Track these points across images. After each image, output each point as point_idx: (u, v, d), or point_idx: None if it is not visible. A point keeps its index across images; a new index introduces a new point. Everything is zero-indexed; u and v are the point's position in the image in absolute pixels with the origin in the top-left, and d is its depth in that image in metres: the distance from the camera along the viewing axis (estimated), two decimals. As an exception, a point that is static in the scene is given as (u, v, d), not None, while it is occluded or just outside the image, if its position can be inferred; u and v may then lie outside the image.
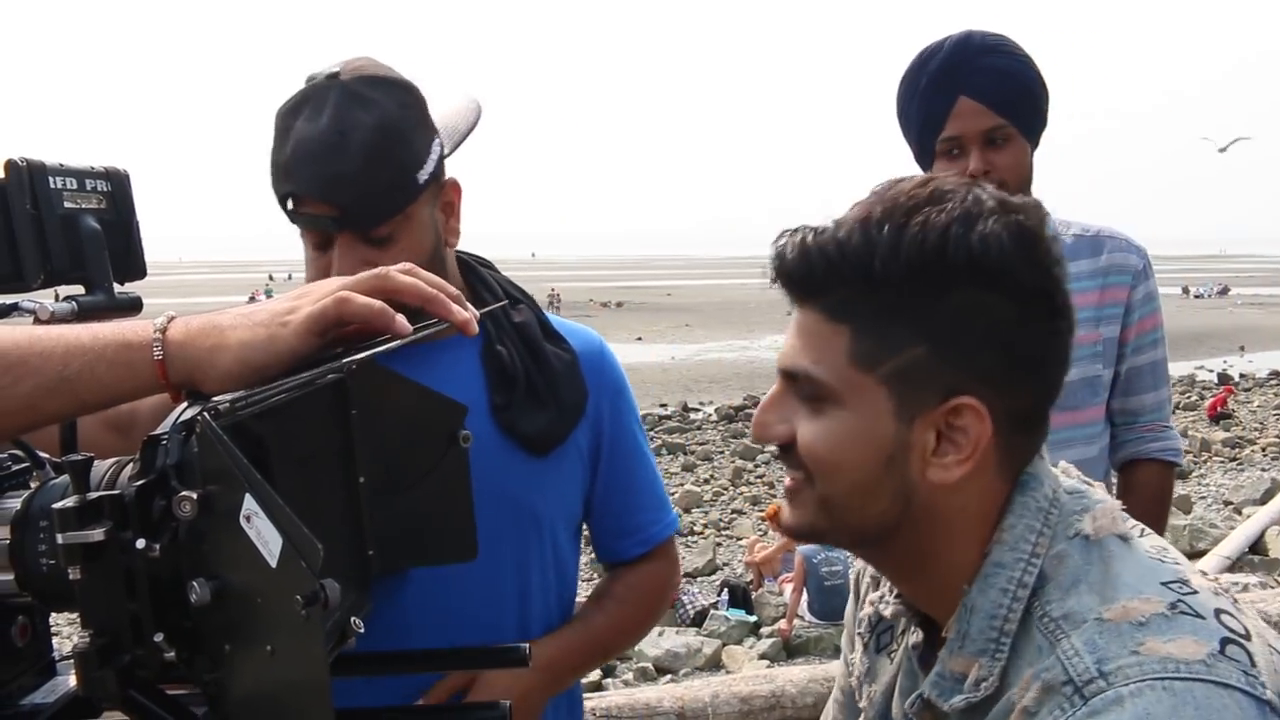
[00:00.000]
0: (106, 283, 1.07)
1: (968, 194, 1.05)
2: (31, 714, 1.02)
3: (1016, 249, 1.03)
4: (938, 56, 2.44)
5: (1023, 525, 1.09)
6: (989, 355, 1.05)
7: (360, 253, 1.58)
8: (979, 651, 1.07)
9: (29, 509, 0.98)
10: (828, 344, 1.08)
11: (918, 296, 1.04)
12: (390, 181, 1.58)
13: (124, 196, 1.14)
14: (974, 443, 1.06)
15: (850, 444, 1.08)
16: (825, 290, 1.08)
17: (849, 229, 1.05)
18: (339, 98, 1.56)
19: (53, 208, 1.04)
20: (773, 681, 6.39)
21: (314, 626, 0.80)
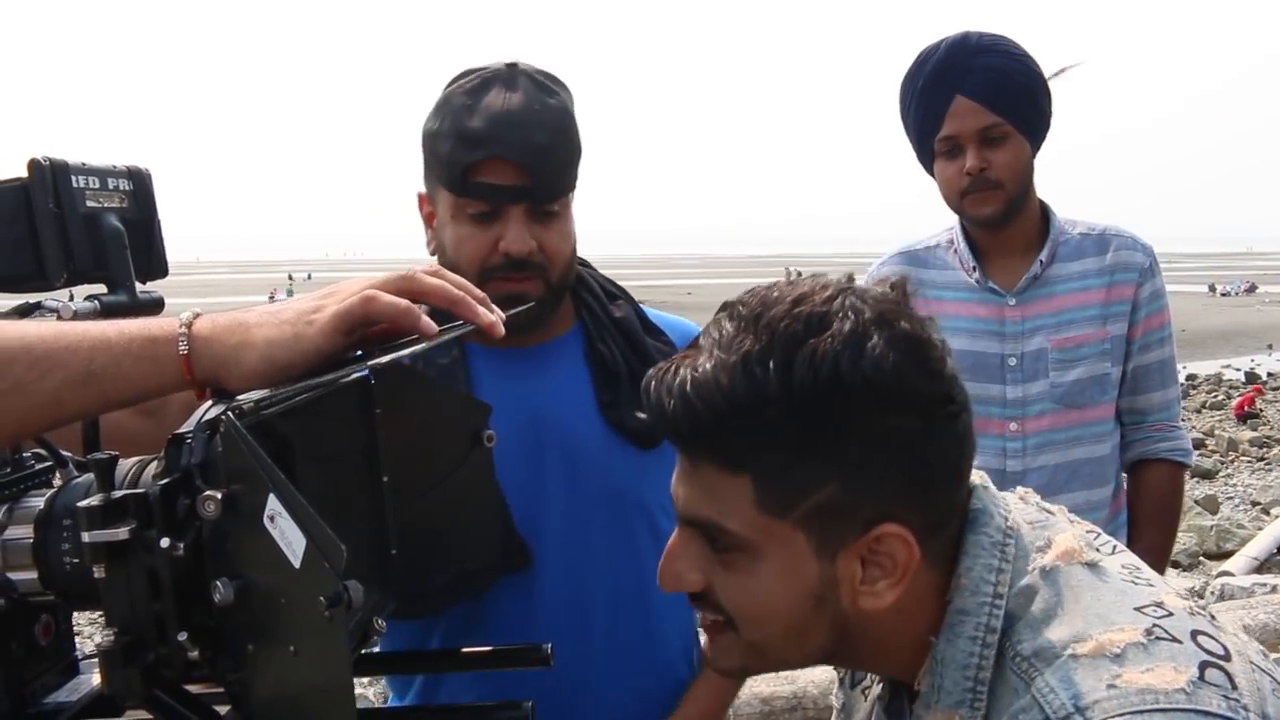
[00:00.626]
0: (129, 282, 1.07)
1: (845, 312, 0.99)
2: (54, 712, 1.02)
3: (909, 363, 0.98)
4: (934, 58, 2.47)
5: (980, 565, 1.06)
6: (902, 476, 1.01)
7: (531, 228, 1.67)
8: (957, 704, 1.04)
9: (52, 508, 0.98)
10: (730, 495, 1.02)
11: (818, 433, 0.98)
12: (569, 160, 1.70)
13: (146, 195, 1.13)
14: (903, 567, 1.03)
15: (776, 593, 1.04)
16: (714, 441, 1.01)
17: (729, 373, 0.98)
18: (528, 81, 1.69)
19: (75, 207, 1.04)
20: (794, 683, 6.38)
21: (337, 627, 0.80)
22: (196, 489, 0.86)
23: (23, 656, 1.02)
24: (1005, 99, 2.42)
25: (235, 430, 0.84)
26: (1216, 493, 14.37)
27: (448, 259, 1.73)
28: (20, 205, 1.03)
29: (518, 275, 1.68)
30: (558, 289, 1.74)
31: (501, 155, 1.63)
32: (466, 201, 1.68)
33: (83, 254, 1.06)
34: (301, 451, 0.96)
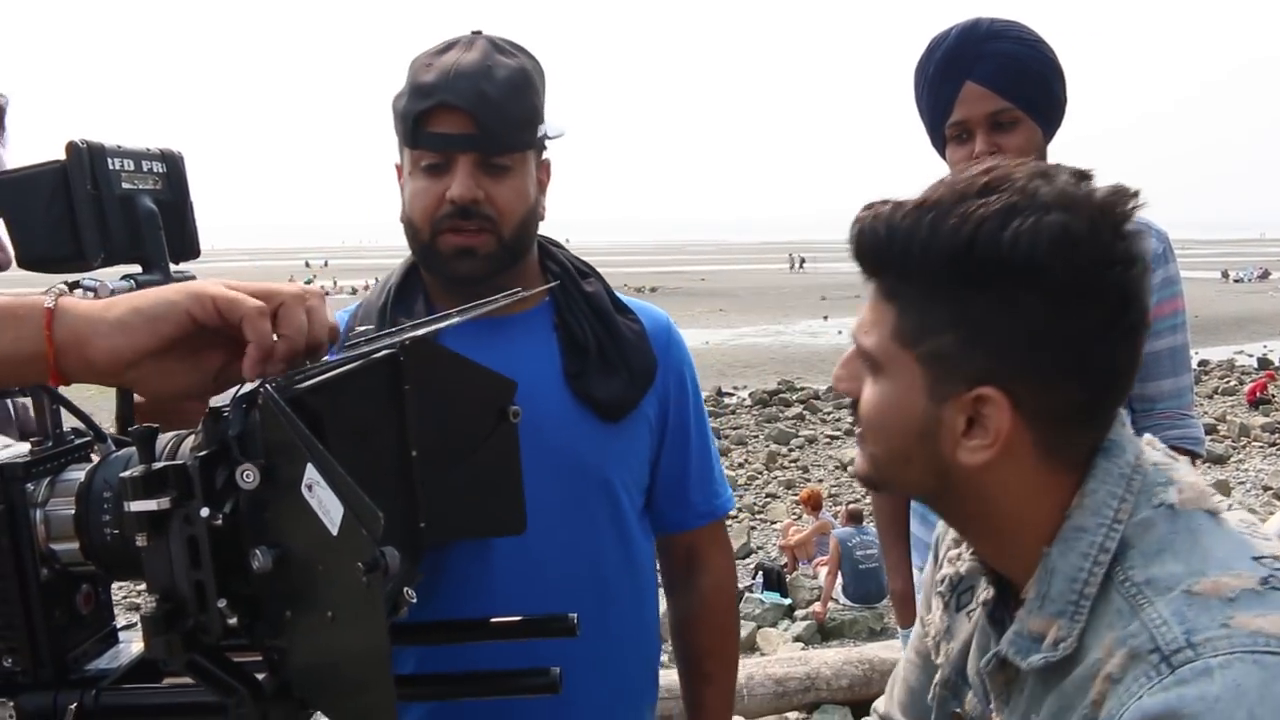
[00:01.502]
0: (163, 262, 1.10)
1: (1024, 186, 1.04)
2: (97, 678, 1.05)
3: (1052, 249, 1.01)
4: (945, 44, 2.47)
5: (1104, 491, 1.10)
6: (1019, 351, 1.06)
7: (478, 178, 1.70)
8: (1058, 613, 1.09)
9: (93, 481, 1.01)
10: (880, 318, 1.13)
11: (952, 286, 1.06)
12: (523, 117, 1.73)
13: (178, 177, 1.16)
14: (995, 433, 1.08)
15: (889, 412, 1.14)
16: (881, 269, 1.12)
17: (906, 212, 1.08)
18: (486, 43, 1.74)
19: (112, 188, 1.07)
20: (807, 664, 6.42)
21: (374, 593, 0.82)
22: (235, 460, 0.89)
23: (65, 625, 1.05)
24: (1015, 84, 2.42)
25: (273, 402, 0.86)
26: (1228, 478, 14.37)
27: (405, 218, 1.78)
28: (59, 187, 1.05)
29: (466, 225, 1.71)
30: (510, 246, 1.76)
31: (449, 102, 1.67)
32: (420, 154, 1.73)
33: (119, 235, 1.08)
34: (332, 426, 0.98)
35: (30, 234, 1.07)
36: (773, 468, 16.51)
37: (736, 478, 15.66)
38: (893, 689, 1.54)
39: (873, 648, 6.89)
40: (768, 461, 16.81)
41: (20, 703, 1.01)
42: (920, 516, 2.73)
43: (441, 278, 1.81)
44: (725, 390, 24.30)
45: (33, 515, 1.01)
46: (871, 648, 6.90)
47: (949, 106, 2.46)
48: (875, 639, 8.81)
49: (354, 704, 0.89)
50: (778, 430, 18.94)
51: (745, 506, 14.29)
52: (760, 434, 19.18)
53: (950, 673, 1.33)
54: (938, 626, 1.37)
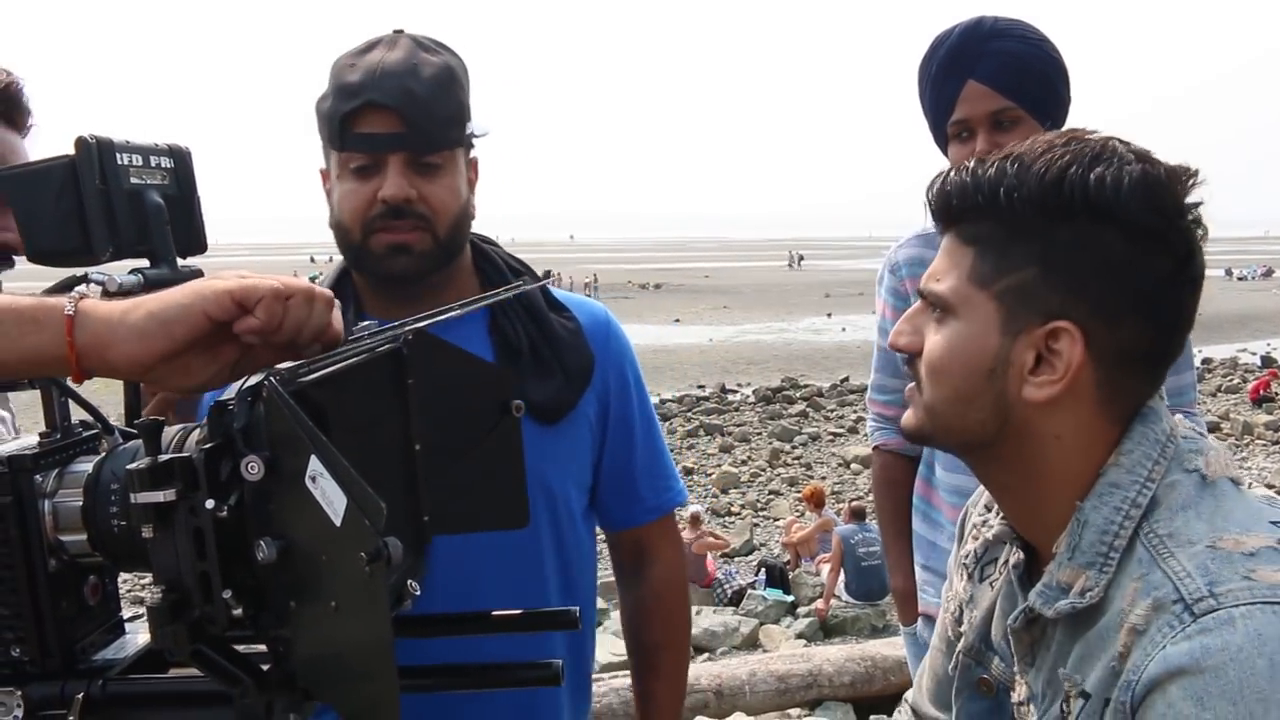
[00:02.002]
0: (170, 256, 1.10)
1: (1104, 144, 1.13)
2: (104, 668, 1.06)
3: (1134, 190, 1.09)
4: (947, 43, 2.47)
5: (1140, 452, 1.15)
6: (1096, 286, 1.12)
7: (410, 177, 1.69)
8: (1087, 564, 1.13)
9: (100, 473, 1.02)
10: (956, 263, 1.19)
11: (1036, 224, 1.12)
12: (450, 115, 1.71)
13: (186, 172, 1.17)
14: (1066, 365, 1.13)
15: (959, 352, 1.18)
16: (962, 216, 1.18)
17: (991, 163, 1.16)
18: (409, 42, 1.72)
19: (120, 183, 1.07)
20: (810, 660, 6.43)
21: (377, 583, 0.83)
22: (240, 452, 0.90)
23: (73, 615, 1.06)
24: (1017, 83, 2.41)
25: (278, 394, 0.87)
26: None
27: (335, 221, 1.76)
28: (68, 181, 1.06)
29: (399, 224, 1.70)
30: (445, 244, 1.75)
31: (376, 101, 1.65)
32: (349, 155, 1.71)
33: (127, 229, 1.09)
34: (336, 419, 0.98)
35: (39, 228, 1.08)
36: (776, 465, 16.53)
37: (740, 475, 15.68)
38: (921, 680, 1.56)
39: (875, 645, 6.90)
40: (771, 459, 16.83)
41: (28, 692, 1.02)
42: (923, 514, 2.73)
43: (375, 277, 1.79)
44: (729, 387, 24.31)
45: (41, 506, 1.02)
46: (874, 645, 6.92)
47: (951, 105, 2.46)
48: (877, 636, 8.82)
49: (358, 695, 0.90)
50: (781, 428, 18.95)
51: (748, 503, 14.30)
52: (763, 431, 19.19)
53: (975, 639, 1.37)
54: (961, 597, 1.41)
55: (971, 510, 1.45)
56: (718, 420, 20.24)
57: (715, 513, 13.64)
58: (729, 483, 15.21)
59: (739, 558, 11.87)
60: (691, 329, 37.86)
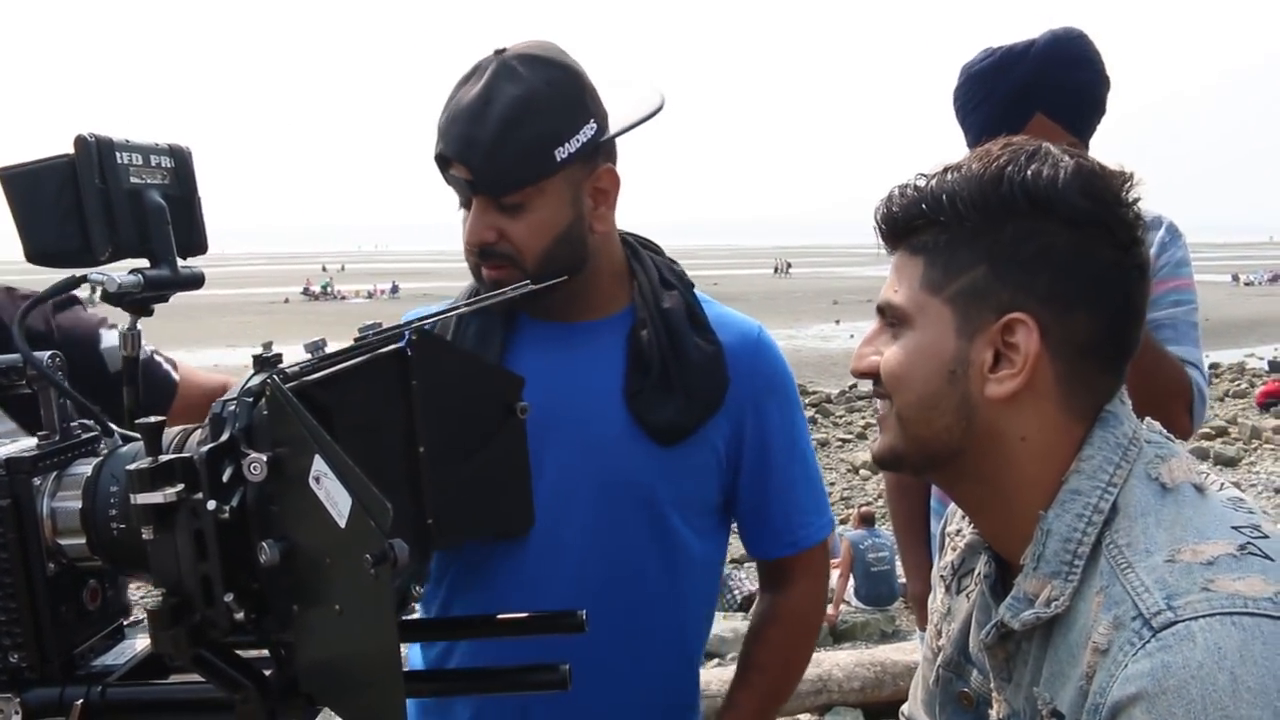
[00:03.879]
0: (171, 256, 1.09)
1: (1040, 147, 1.15)
2: (103, 673, 1.04)
3: (1071, 181, 1.11)
4: (1021, 67, 2.36)
5: (1101, 457, 1.14)
6: (1044, 277, 1.12)
7: (490, 217, 1.68)
8: (1052, 573, 1.13)
9: (99, 475, 1.01)
10: (907, 275, 1.19)
11: (981, 225, 1.13)
12: (523, 152, 1.65)
13: (186, 173, 1.16)
14: (1024, 357, 1.13)
15: (918, 358, 1.18)
16: (909, 231, 1.19)
17: (932, 177, 1.18)
18: (495, 70, 1.67)
19: (120, 182, 1.06)
20: (819, 666, 6.40)
21: (383, 586, 0.81)
22: (241, 453, 0.88)
23: (72, 620, 1.05)
24: (1084, 120, 2.36)
25: (280, 392, 0.86)
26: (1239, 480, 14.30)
27: None
28: (67, 181, 1.05)
29: (489, 262, 1.71)
30: (539, 276, 1.67)
31: (446, 153, 1.67)
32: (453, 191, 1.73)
33: (126, 229, 1.08)
34: (340, 421, 0.97)
35: (38, 228, 1.07)
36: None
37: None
38: (915, 691, 1.53)
39: (884, 650, 6.87)
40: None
41: (26, 698, 1.00)
42: (939, 516, 2.70)
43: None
44: (737, 393, 24.25)
45: (39, 509, 1.00)
46: (883, 650, 6.88)
47: (1013, 133, 2.37)
48: (886, 641, 8.78)
49: (362, 701, 0.88)
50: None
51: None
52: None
53: (953, 652, 1.36)
54: (939, 609, 1.40)
55: (950, 520, 1.44)
56: (725, 426, 20.20)
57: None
58: (737, 489, 15.19)
59: (749, 563, 11.83)
60: (698, 335, 37.76)
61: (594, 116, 1.71)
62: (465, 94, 1.66)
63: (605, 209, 1.78)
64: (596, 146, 1.72)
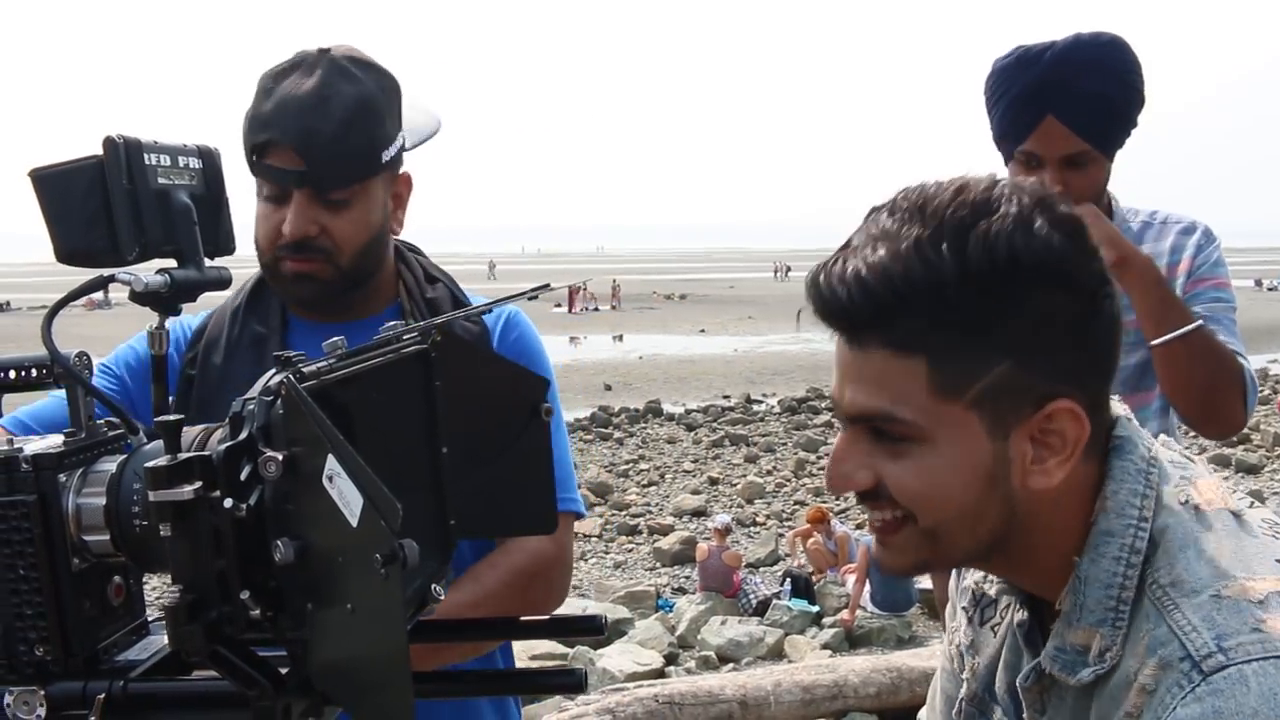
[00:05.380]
0: (198, 256, 1.10)
1: (1008, 197, 1.02)
2: (126, 669, 1.06)
3: (1072, 243, 1.02)
4: (1036, 68, 2.36)
5: (1125, 490, 1.08)
6: (1070, 354, 1.04)
7: (314, 213, 1.71)
8: (1098, 622, 1.06)
9: (123, 472, 1.03)
10: (903, 380, 1.03)
11: (993, 312, 1.01)
12: (358, 151, 1.71)
13: (215, 173, 1.17)
14: (1072, 443, 1.05)
15: (951, 476, 1.05)
16: (889, 323, 1.02)
17: (903, 258, 1.00)
18: (327, 67, 1.70)
19: (147, 183, 1.08)
20: (835, 671, 6.40)
21: (393, 585, 0.82)
22: (258, 452, 0.90)
23: (96, 615, 1.06)
24: (1097, 127, 2.34)
25: (295, 392, 0.87)
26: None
27: (254, 236, 1.79)
28: (95, 181, 1.07)
29: (301, 256, 1.73)
30: (350, 273, 1.77)
31: (280, 140, 1.67)
32: (260, 182, 1.74)
33: (154, 229, 1.09)
34: (361, 420, 0.98)
35: (67, 228, 1.09)
36: (801, 475, 16.45)
37: (765, 485, 15.62)
38: (933, 699, 1.50)
39: (900, 656, 6.87)
40: (796, 469, 16.75)
41: (50, 691, 1.02)
42: None
43: (283, 297, 1.85)
44: (754, 398, 24.24)
45: (64, 506, 1.02)
46: (899, 656, 6.89)
47: (1024, 132, 2.38)
48: (903, 647, 8.77)
49: (373, 700, 0.89)
50: (806, 438, 18.87)
51: (773, 514, 14.25)
52: (789, 441, 19.11)
53: (979, 688, 1.30)
54: (962, 640, 1.34)
55: None
56: (743, 431, 20.16)
57: (740, 523, 13.55)
58: (754, 493, 15.15)
59: (764, 568, 11.82)
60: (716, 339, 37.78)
61: (401, 124, 1.81)
62: (296, 86, 1.69)
63: (401, 212, 1.87)
64: (401, 152, 1.81)
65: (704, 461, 17.62)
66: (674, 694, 5.82)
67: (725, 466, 17.30)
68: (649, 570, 12.13)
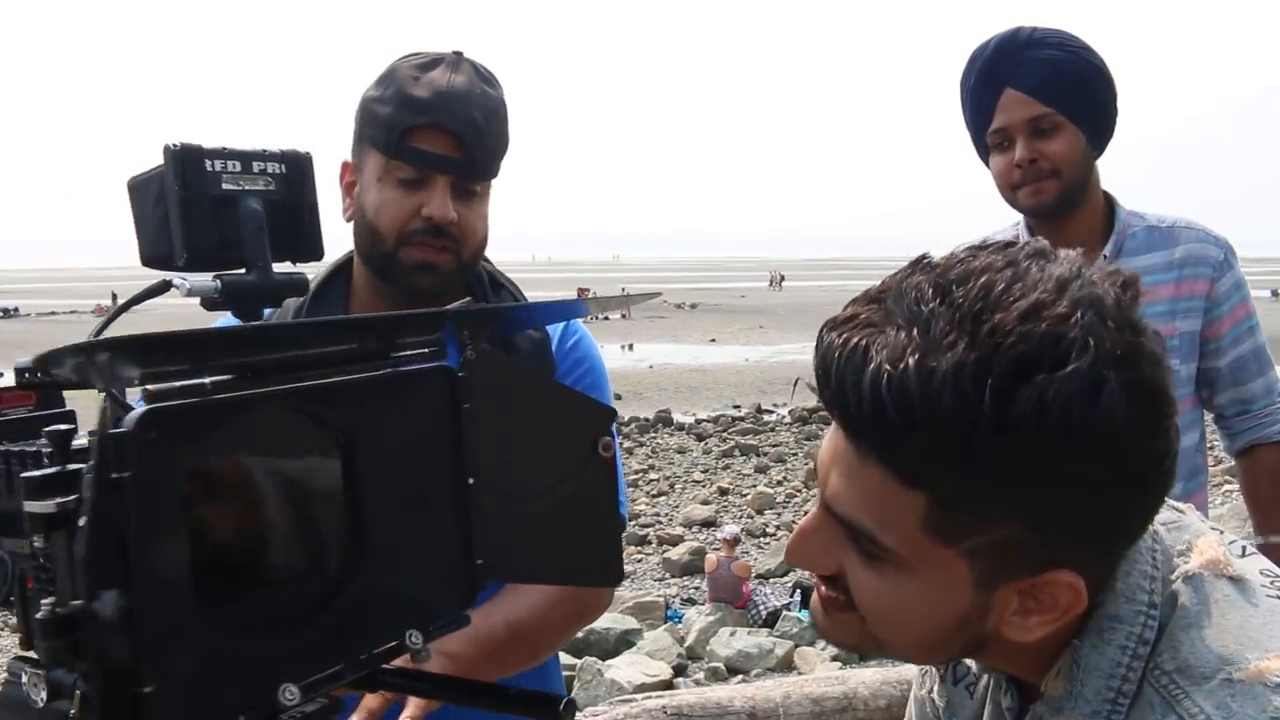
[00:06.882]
0: (262, 262, 1.09)
1: (1084, 342, 0.85)
2: None
3: (1141, 418, 0.87)
4: (985, 54, 2.48)
5: (1136, 572, 0.99)
6: (1091, 524, 0.91)
7: (453, 201, 1.76)
8: (1094, 713, 0.98)
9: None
10: (896, 509, 0.92)
11: (1018, 471, 0.86)
12: (498, 148, 1.81)
13: (300, 178, 1.15)
14: (1064, 610, 0.96)
15: (921, 610, 0.97)
16: (895, 448, 0.89)
17: (936, 381, 0.84)
18: (471, 69, 1.79)
19: (205, 189, 1.07)
20: (845, 683, 6.38)
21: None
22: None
23: None
24: (1055, 89, 2.41)
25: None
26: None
27: (365, 222, 1.80)
28: (161, 189, 1.08)
29: (435, 243, 1.76)
30: (466, 265, 1.84)
31: (441, 123, 1.72)
32: (397, 165, 1.75)
33: (204, 234, 1.08)
34: (366, 441, 0.95)
35: (143, 234, 1.11)
36: (812, 486, 16.44)
37: (775, 495, 15.62)
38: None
39: (910, 668, 6.80)
40: (807, 479, 16.75)
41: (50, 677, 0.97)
42: None
43: (396, 287, 1.83)
44: (765, 408, 24.25)
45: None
46: (909, 668, 6.79)
47: (989, 114, 2.47)
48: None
49: None
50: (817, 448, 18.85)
51: (784, 524, 14.24)
52: (799, 451, 19.12)
53: None
54: (937, 700, 1.27)
55: None
56: (753, 440, 20.17)
57: (750, 533, 13.55)
58: (764, 504, 15.13)
59: (774, 579, 11.82)
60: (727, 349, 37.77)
61: None
62: (449, 78, 1.75)
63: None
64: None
65: (714, 471, 17.64)
66: (682, 705, 5.81)
67: (735, 477, 17.31)
68: (658, 581, 12.13)
